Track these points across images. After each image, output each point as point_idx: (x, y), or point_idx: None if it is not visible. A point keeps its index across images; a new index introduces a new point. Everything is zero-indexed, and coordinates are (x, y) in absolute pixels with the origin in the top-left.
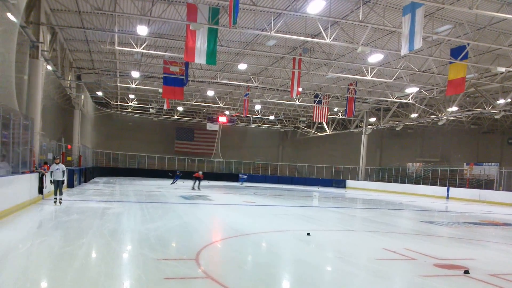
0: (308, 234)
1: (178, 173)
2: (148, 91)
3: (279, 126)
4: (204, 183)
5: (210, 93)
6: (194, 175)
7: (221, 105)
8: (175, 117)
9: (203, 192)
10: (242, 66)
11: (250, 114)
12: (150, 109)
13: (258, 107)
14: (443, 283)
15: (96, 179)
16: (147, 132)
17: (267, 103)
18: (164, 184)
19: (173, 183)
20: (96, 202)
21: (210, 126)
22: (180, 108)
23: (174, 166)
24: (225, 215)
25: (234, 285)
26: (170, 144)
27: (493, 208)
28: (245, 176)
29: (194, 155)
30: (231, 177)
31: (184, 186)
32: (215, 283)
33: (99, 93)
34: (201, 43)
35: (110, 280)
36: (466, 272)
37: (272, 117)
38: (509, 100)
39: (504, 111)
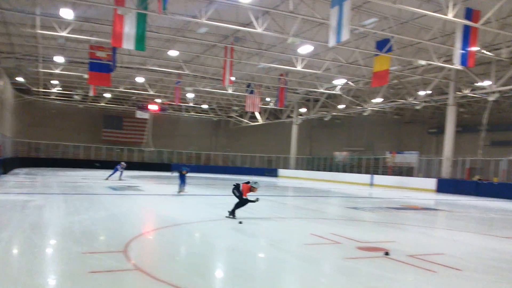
0: (240, 222)
1: (120, 165)
2: (73, 77)
3: (212, 115)
4: (134, 173)
5: (140, 79)
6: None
7: (151, 93)
8: (103, 104)
9: (133, 182)
10: (173, 53)
11: (182, 103)
12: (75, 96)
13: (190, 95)
14: (365, 264)
15: (16, 170)
16: (72, 120)
17: (199, 91)
18: (91, 174)
19: (111, 175)
20: (15, 194)
21: (140, 114)
22: (107, 95)
23: (101, 156)
24: (156, 205)
25: (165, 276)
26: (97, 132)
27: (413, 193)
28: None
29: (123, 144)
30: (163, 167)
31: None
32: (145, 275)
33: (20, 79)
34: (129, 28)
35: (31, 276)
36: (386, 253)
37: (205, 106)
38: (429, 91)
39: (425, 102)
